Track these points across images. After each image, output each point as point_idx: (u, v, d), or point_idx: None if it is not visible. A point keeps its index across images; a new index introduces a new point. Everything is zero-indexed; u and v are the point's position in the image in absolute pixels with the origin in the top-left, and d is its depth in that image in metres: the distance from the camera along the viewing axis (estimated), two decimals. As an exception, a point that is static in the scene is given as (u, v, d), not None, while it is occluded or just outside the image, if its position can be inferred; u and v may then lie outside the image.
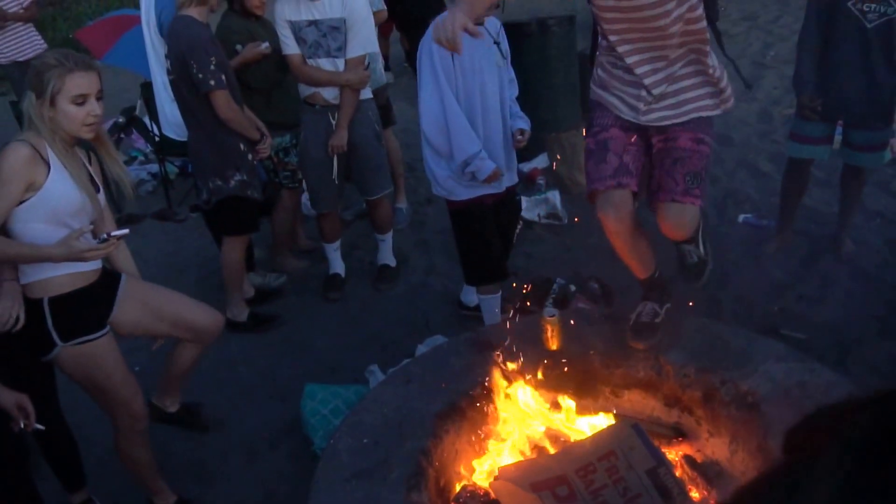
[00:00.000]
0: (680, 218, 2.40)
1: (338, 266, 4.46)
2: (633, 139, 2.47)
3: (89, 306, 2.52)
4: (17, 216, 2.32)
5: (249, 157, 3.78)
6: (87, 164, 2.54)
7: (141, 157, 6.60)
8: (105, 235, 2.35)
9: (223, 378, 3.74)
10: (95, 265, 2.56)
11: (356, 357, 3.70)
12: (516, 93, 3.35)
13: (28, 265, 2.39)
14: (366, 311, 4.19)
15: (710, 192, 4.93)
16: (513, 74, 3.32)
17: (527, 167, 5.31)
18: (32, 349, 2.46)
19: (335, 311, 4.24)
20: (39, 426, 2.28)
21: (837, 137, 3.92)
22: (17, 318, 2.35)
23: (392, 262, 4.48)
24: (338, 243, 4.41)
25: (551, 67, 5.40)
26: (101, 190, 2.57)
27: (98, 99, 2.37)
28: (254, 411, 3.48)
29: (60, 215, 2.37)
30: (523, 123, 3.29)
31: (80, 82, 2.29)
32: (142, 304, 2.75)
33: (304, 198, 5.01)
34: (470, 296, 3.88)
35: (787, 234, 4.24)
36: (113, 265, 2.76)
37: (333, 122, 3.88)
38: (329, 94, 3.85)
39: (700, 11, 2.27)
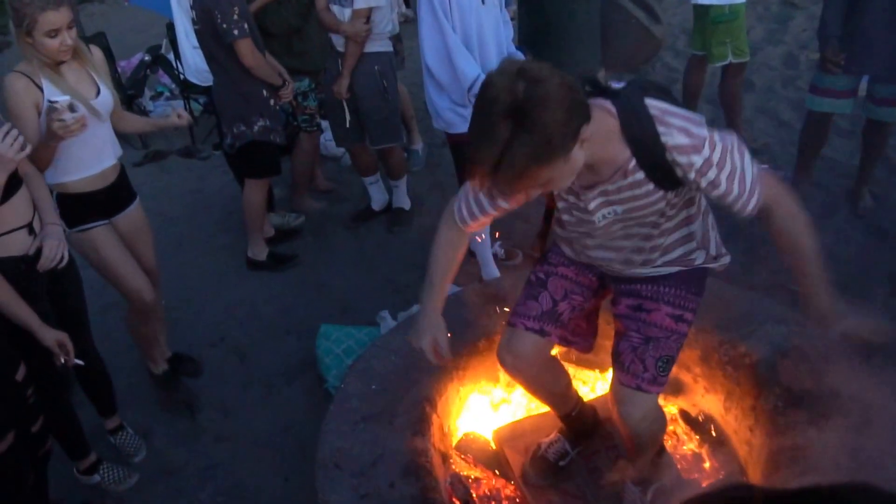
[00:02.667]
0: (640, 408, 1.98)
1: (375, 199, 4.61)
2: (586, 283, 2.10)
3: (92, 206, 2.86)
4: None
5: (272, 102, 3.85)
6: (92, 73, 2.77)
7: (167, 93, 6.65)
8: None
9: (243, 315, 3.90)
10: (104, 182, 2.86)
11: (369, 299, 3.83)
12: (511, 34, 3.51)
13: (53, 169, 2.70)
14: (380, 254, 4.30)
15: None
16: (507, 17, 3.46)
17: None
18: None
19: (351, 253, 4.35)
20: (79, 361, 2.46)
21: (864, 85, 3.86)
22: (62, 257, 2.51)
23: (406, 205, 4.57)
24: (372, 177, 4.50)
25: (571, 8, 5.31)
26: (106, 92, 2.78)
27: (70, 28, 2.59)
28: (271, 347, 3.64)
29: None
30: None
31: (51, 19, 2.51)
32: (134, 231, 3.06)
33: (323, 139, 5.08)
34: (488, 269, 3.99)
35: (804, 186, 4.21)
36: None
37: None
38: (337, 40, 3.90)
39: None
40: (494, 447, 2.49)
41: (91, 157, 2.79)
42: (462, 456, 2.49)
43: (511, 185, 1.46)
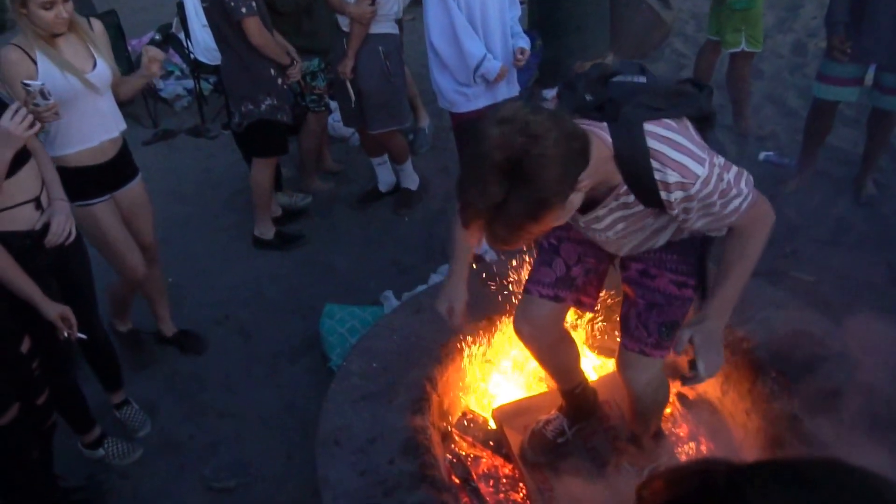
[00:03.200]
0: (645, 373, 2.05)
1: (382, 180, 4.62)
2: (594, 249, 2.08)
3: (92, 180, 2.88)
4: None
5: (280, 81, 3.85)
6: (90, 46, 2.78)
7: (177, 73, 6.66)
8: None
9: (249, 293, 3.93)
10: (104, 156, 2.89)
11: (374, 279, 3.86)
12: (518, 13, 3.53)
13: (52, 143, 2.74)
14: (386, 235, 4.32)
15: (733, 127, 4.90)
16: None
17: (549, 94, 5.29)
18: None
19: (357, 234, 4.38)
20: (82, 335, 2.48)
21: (871, 74, 3.84)
22: (70, 233, 2.54)
23: (413, 185, 4.56)
24: (380, 158, 4.50)
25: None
26: (103, 65, 2.78)
27: (65, 0, 2.60)
28: (276, 326, 3.68)
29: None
30: (523, 42, 3.50)
31: None
32: (134, 207, 3.11)
33: (332, 119, 5.09)
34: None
35: (807, 174, 4.22)
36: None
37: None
38: (343, 21, 3.90)
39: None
40: (494, 426, 2.52)
41: (90, 131, 2.81)
42: (461, 434, 2.52)
43: (506, 239, 1.43)
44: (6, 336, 2.31)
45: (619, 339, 2.09)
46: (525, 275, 2.65)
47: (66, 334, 2.39)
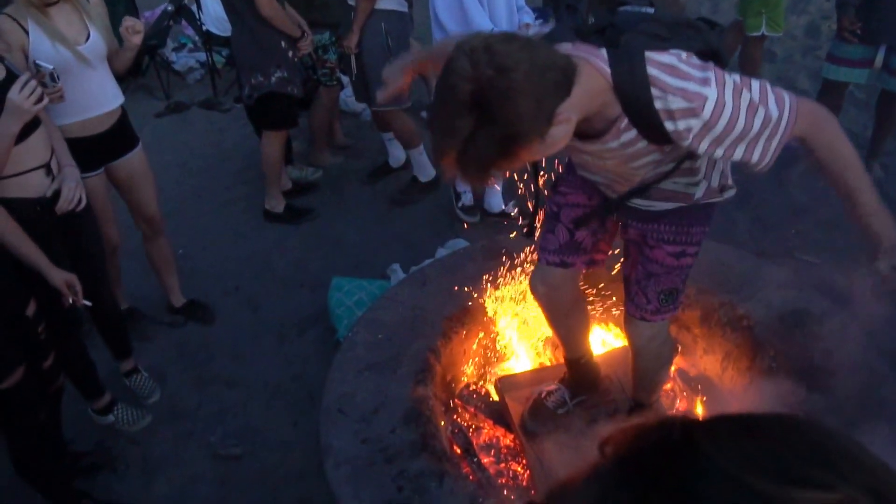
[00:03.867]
0: (648, 331, 2.05)
1: (392, 156, 4.63)
2: (597, 206, 2.01)
3: (86, 151, 2.83)
4: None
5: (290, 54, 3.86)
6: (85, 16, 2.77)
7: (190, 45, 6.68)
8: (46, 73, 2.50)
9: (258, 266, 3.98)
10: (100, 126, 2.88)
11: (382, 254, 3.89)
12: None
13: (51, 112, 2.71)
14: (395, 210, 4.34)
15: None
16: None
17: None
18: None
19: (366, 208, 4.40)
20: (86, 302, 2.52)
21: (881, 56, 3.82)
22: (80, 199, 2.58)
23: (422, 177, 4.39)
24: (390, 134, 4.45)
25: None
26: (97, 37, 2.77)
27: None
28: (285, 298, 3.72)
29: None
30: (528, 17, 3.52)
31: None
32: (134, 177, 3.14)
33: (343, 94, 5.10)
34: (493, 199, 4.04)
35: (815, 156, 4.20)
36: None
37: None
38: None
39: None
40: (495, 397, 2.55)
41: (85, 102, 2.80)
42: (464, 405, 2.56)
43: (479, 176, 1.36)
44: (12, 300, 2.35)
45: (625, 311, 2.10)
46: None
47: (70, 301, 2.43)
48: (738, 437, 0.44)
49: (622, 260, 2.10)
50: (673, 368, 2.65)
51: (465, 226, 4.06)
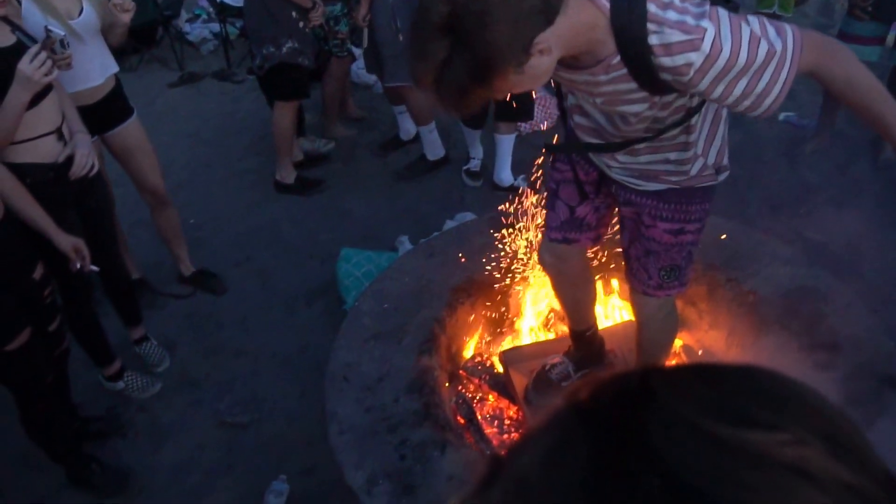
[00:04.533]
0: (652, 304, 2.01)
1: (403, 129, 4.61)
2: (593, 180, 1.96)
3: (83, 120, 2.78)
4: None
5: (301, 25, 3.84)
6: None
7: (204, 16, 6.66)
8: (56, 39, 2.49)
9: (268, 237, 3.99)
10: (92, 98, 2.88)
11: (391, 226, 3.89)
12: None
13: None
14: (405, 183, 4.33)
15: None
16: None
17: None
18: None
19: (377, 180, 4.40)
20: (94, 267, 2.54)
21: (892, 34, 3.77)
22: (93, 165, 2.60)
23: (430, 155, 4.37)
24: (402, 107, 4.42)
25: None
26: (90, 11, 2.75)
27: None
28: (294, 269, 3.74)
29: None
30: None
31: None
32: (129, 148, 3.12)
33: (356, 66, 5.08)
34: (504, 173, 4.02)
35: (825, 135, 4.17)
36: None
37: None
38: None
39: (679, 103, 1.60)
40: (500, 369, 2.56)
41: (77, 75, 2.75)
42: (468, 376, 2.57)
43: (456, 104, 1.32)
44: (19, 263, 2.37)
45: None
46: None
47: (78, 266, 2.45)
48: (693, 384, 0.43)
49: (619, 233, 2.06)
50: (678, 343, 2.65)
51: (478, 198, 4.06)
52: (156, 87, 5.63)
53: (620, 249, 2.07)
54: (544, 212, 2.20)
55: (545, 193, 2.15)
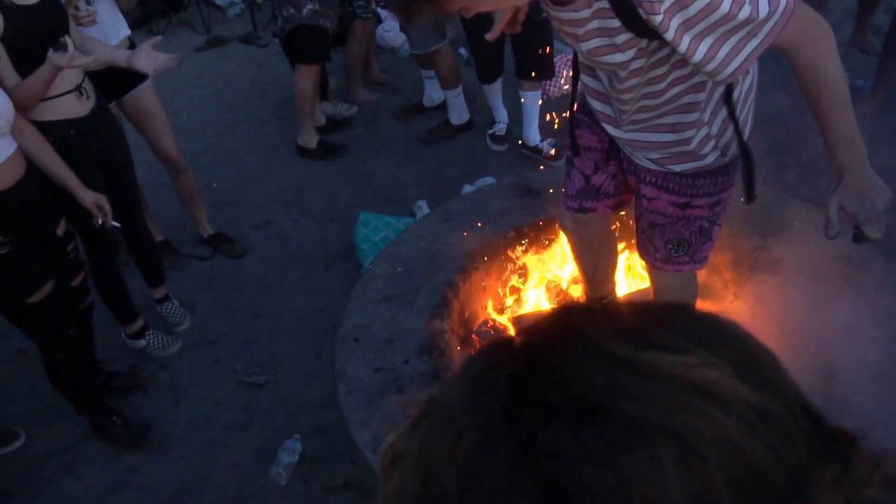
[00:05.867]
0: (668, 282, 1.96)
1: (427, 96, 4.54)
2: (607, 147, 1.89)
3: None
4: None
5: (323, -16, 3.78)
6: None
7: (231, -23, 6.62)
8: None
9: (290, 200, 3.98)
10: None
11: (412, 191, 3.86)
12: None
13: None
14: (428, 147, 4.28)
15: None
16: None
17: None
18: None
19: (399, 145, 4.35)
20: (115, 223, 2.56)
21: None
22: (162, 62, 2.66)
23: (455, 120, 4.30)
24: (429, 71, 4.35)
25: None
26: None
27: None
28: (314, 233, 3.73)
29: None
30: None
31: None
32: (144, 112, 3.14)
33: (381, 29, 5.00)
34: (531, 133, 3.97)
35: (882, 96, 3.96)
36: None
37: None
38: None
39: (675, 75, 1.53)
40: (514, 334, 2.52)
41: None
42: (481, 341, 2.53)
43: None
44: (42, 219, 2.41)
45: None
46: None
47: (100, 221, 2.47)
48: (614, 317, 0.46)
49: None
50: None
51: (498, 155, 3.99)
52: (182, 51, 5.59)
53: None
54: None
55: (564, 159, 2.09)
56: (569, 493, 0.38)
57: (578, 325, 0.44)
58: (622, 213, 2.15)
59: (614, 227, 2.18)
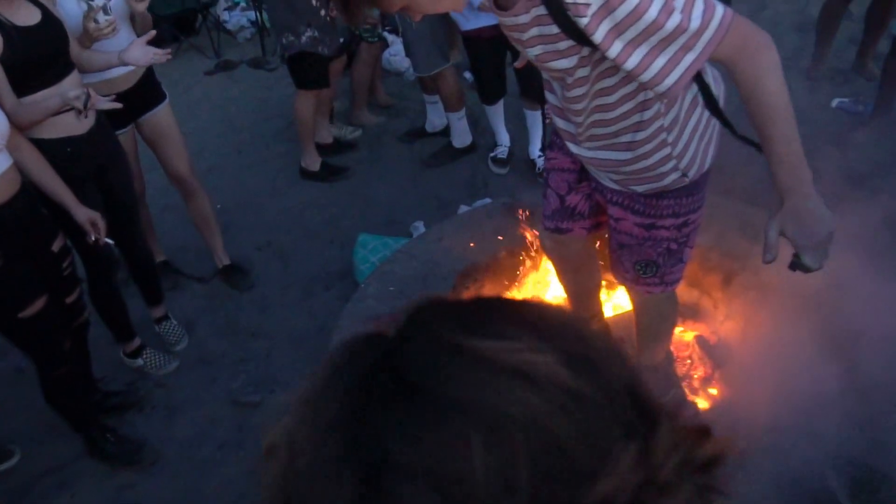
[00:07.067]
0: (644, 300, 1.97)
1: (430, 121, 4.58)
2: (579, 168, 1.87)
3: (112, 110, 2.77)
4: None
5: (323, 13, 3.84)
6: None
7: (243, 4, 6.74)
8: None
9: (291, 221, 4.02)
10: (126, 84, 2.94)
11: (414, 212, 3.87)
12: None
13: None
14: (430, 170, 4.30)
15: (805, 76, 4.60)
16: None
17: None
18: None
19: (402, 167, 4.38)
20: (108, 240, 2.59)
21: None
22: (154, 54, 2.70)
23: (458, 143, 4.32)
24: (433, 97, 4.39)
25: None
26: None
27: None
28: (314, 254, 3.75)
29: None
30: None
31: None
32: (159, 133, 3.17)
33: (388, 53, 5.07)
34: (531, 148, 4.08)
35: (882, 120, 3.95)
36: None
37: None
38: None
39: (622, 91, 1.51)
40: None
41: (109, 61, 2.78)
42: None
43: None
44: (36, 234, 2.44)
45: None
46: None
47: (93, 238, 2.50)
48: (457, 310, 0.48)
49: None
50: (692, 335, 2.57)
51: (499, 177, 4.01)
52: (192, 74, 5.72)
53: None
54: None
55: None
56: (384, 470, 0.40)
57: (426, 317, 0.47)
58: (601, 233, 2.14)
59: (597, 244, 2.17)
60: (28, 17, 2.44)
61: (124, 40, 2.86)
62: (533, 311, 0.48)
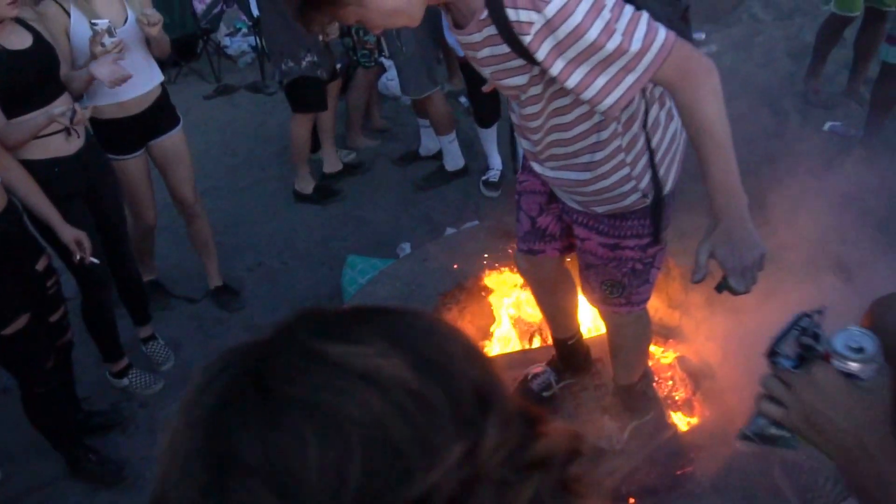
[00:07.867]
0: (615, 321, 1.98)
1: (423, 145, 4.61)
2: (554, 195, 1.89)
3: (125, 132, 2.92)
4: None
5: (320, 38, 3.88)
6: (125, 0, 2.85)
7: (244, 29, 6.82)
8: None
9: (283, 243, 4.03)
10: (139, 107, 2.96)
11: (405, 235, 3.89)
12: None
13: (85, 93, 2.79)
14: (422, 193, 4.32)
15: (799, 100, 4.63)
16: None
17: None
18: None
19: (395, 190, 4.40)
20: (94, 260, 2.60)
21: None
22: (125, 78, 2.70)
23: (450, 166, 4.34)
24: (425, 121, 4.42)
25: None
26: (134, 19, 2.83)
27: None
28: (305, 275, 3.76)
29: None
30: None
31: None
32: (170, 157, 3.20)
33: (384, 78, 5.11)
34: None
35: (872, 145, 3.97)
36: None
37: None
38: None
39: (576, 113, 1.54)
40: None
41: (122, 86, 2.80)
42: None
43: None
44: (21, 252, 2.45)
45: None
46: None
47: (78, 257, 2.51)
48: (328, 318, 0.50)
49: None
50: (673, 355, 2.56)
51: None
52: (191, 98, 5.78)
53: None
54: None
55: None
56: (230, 466, 0.43)
57: (293, 325, 0.49)
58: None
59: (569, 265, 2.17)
60: (20, 41, 2.49)
61: (140, 63, 2.91)
62: (392, 318, 0.50)
